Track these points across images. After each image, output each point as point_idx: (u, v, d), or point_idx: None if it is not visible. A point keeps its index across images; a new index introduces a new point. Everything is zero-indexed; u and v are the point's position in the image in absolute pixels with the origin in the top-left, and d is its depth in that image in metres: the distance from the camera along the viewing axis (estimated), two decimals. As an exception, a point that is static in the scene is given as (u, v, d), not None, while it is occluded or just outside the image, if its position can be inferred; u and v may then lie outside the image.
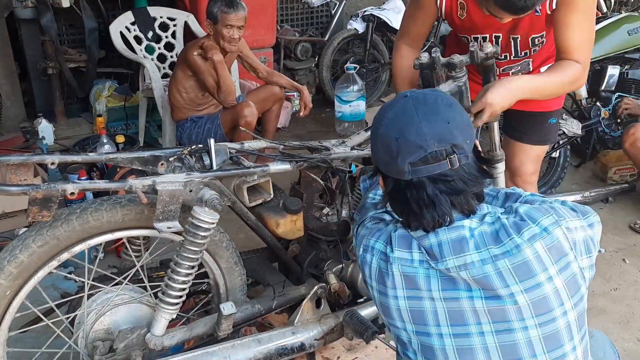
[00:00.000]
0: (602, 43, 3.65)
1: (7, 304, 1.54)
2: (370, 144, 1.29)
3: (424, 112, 1.18)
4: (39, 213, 1.43)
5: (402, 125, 1.18)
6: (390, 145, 1.19)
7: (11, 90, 4.24)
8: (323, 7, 5.25)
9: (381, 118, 1.24)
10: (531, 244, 1.14)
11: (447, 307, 1.18)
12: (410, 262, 1.21)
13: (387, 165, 1.23)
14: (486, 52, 1.92)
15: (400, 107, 1.22)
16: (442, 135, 1.17)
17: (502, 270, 1.14)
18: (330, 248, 2.07)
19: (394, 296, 1.22)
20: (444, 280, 1.18)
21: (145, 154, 1.62)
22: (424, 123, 1.17)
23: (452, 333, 1.18)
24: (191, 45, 3.26)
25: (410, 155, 1.16)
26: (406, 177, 1.18)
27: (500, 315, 1.15)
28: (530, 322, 1.15)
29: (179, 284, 1.66)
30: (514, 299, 1.14)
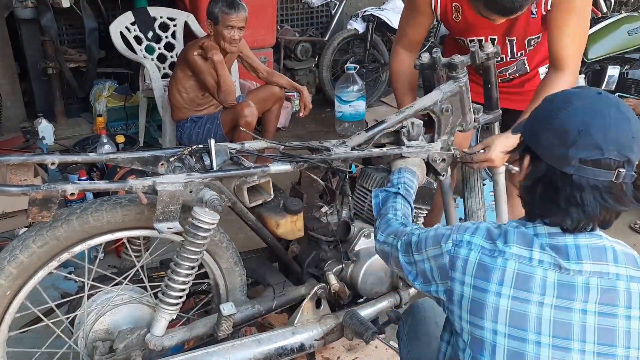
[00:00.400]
0: (602, 43, 3.66)
1: (7, 304, 1.54)
2: (535, 122, 1.23)
3: (616, 117, 1.14)
4: (39, 213, 1.43)
5: (590, 120, 1.13)
6: (568, 134, 1.13)
7: (11, 90, 4.24)
8: (323, 7, 5.25)
9: (566, 103, 1.18)
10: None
11: (554, 317, 1.13)
12: (528, 260, 1.16)
13: (549, 149, 1.17)
14: (487, 52, 1.93)
15: (592, 100, 1.17)
16: (624, 146, 1.13)
17: (633, 292, 1.13)
18: (331, 248, 2.07)
19: (497, 293, 1.15)
20: (562, 286, 1.14)
21: (146, 154, 1.62)
22: (613, 127, 1.13)
23: (551, 344, 1.13)
24: (191, 45, 3.26)
25: (585, 152, 1.12)
26: (568, 170, 1.13)
27: (608, 337, 1.12)
28: (633, 353, 1.12)
29: (179, 284, 1.66)
30: (629, 322, 1.12)
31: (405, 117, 1.92)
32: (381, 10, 4.83)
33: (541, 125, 1.20)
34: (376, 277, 2.04)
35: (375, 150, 1.90)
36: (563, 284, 1.14)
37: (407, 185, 1.69)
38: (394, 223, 1.51)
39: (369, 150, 1.90)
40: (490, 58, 1.95)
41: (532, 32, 2.06)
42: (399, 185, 1.69)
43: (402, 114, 1.93)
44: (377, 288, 2.06)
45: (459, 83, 1.96)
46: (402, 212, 1.57)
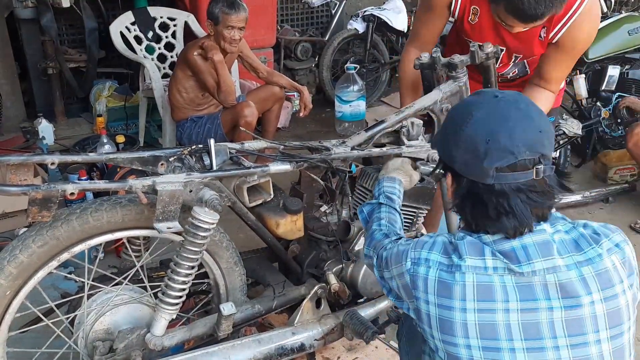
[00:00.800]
0: (602, 43, 3.65)
1: (7, 304, 1.54)
2: (445, 140, 1.23)
3: (517, 116, 1.15)
4: (38, 213, 1.43)
5: (494, 128, 1.14)
6: (478, 147, 1.14)
7: (11, 90, 4.24)
8: (323, 7, 5.25)
9: (467, 116, 1.18)
10: (609, 255, 1.15)
11: (522, 320, 1.13)
12: (484, 269, 1.15)
13: (466, 166, 1.17)
14: (487, 52, 1.93)
15: (491, 107, 1.17)
16: (533, 144, 1.13)
17: (586, 276, 1.13)
18: (331, 248, 2.07)
19: (462, 309, 1.14)
20: (522, 288, 1.13)
21: (145, 154, 1.62)
22: (518, 128, 1.13)
23: (525, 347, 1.13)
24: (191, 45, 3.26)
25: (499, 160, 1.12)
26: (488, 182, 1.14)
27: (577, 328, 1.13)
28: (603, 335, 1.13)
29: (179, 284, 1.66)
30: (593, 307, 1.12)
31: (405, 117, 1.92)
32: (381, 10, 4.83)
33: (454, 142, 1.19)
34: (376, 277, 2.03)
35: (375, 150, 1.90)
36: (522, 286, 1.14)
37: (387, 193, 1.67)
38: (377, 235, 1.50)
39: (369, 150, 1.90)
40: (490, 58, 1.95)
41: (535, 53, 2.09)
42: (380, 196, 1.68)
43: (402, 113, 1.93)
44: (377, 288, 2.06)
45: (459, 83, 1.96)
46: (386, 219, 1.56)
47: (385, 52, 5.01)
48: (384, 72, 5.05)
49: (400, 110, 1.94)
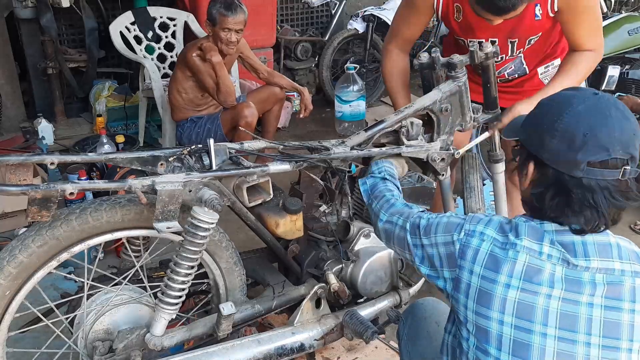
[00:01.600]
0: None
1: (6, 304, 1.54)
2: (537, 128, 1.23)
3: (617, 116, 1.17)
4: (38, 213, 1.43)
5: (594, 123, 1.15)
6: (575, 138, 1.15)
7: (11, 90, 4.24)
8: (323, 7, 5.25)
9: (567, 107, 1.19)
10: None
11: (561, 309, 1.15)
12: (539, 254, 1.17)
13: (557, 156, 1.18)
14: (486, 52, 1.93)
15: (592, 102, 1.18)
16: (627, 144, 1.15)
17: (637, 287, 1.15)
18: (330, 248, 2.07)
19: (506, 284, 1.17)
20: (569, 280, 1.15)
21: (145, 154, 1.62)
22: (617, 127, 1.15)
23: (558, 335, 1.15)
24: (190, 46, 3.26)
25: (593, 155, 1.14)
26: (577, 174, 1.15)
27: (614, 331, 1.14)
28: (636, 346, 1.14)
29: (179, 284, 1.66)
30: (633, 316, 1.14)
31: (405, 117, 1.92)
32: (381, 10, 4.83)
33: (545, 131, 1.20)
34: (376, 276, 2.04)
35: (375, 150, 1.90)
36: (570, 278, 1.15)
37: (388, 172, 1.73)
38: (397, 203, 1.53)
39: (369, 150, 1.90)
40: (489, 58, 1.95)
41: (534, 33, 2.07)
42: (382, 172, 1.73)
43: (402, 113, 1.92)
44: (377, 288, 2.06)
45: (458, 83, 1.96)
46: (397, 192, 1.60)
47: (385, 52, 5.00)
48: (384, 72, 5.05)
49: (399, 110, 1.94)
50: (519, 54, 2.17)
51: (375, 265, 2.02)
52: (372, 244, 2.04)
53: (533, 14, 1.98)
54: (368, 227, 2.04)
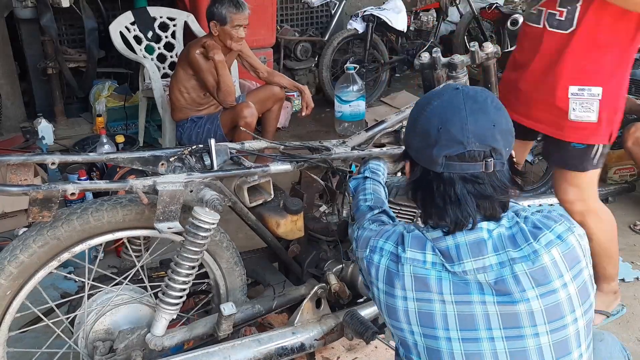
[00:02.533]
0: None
1: (7, 304, 1.54)
2: (407, 127, 1.27)
3: (472, 108, 1.17)
4: (39, 213, 1.43)
5: (448, 117, 1.17)
6: (430, 133, 1.17)
7: (11, 90, 4.24)
8: (323, 7, 5.26)
9: (426, 104, 1.22)
10: (548, 250, 1.15)
11: (458, 311, 1.16)
12: (422, 263, 1.19)
13: (419, 152, 1.21)
14: (487, 52, 1.93)
15: (448, 97, 1.20)
16: (484, 137, 1.15)
17: (519, 274, 1.14)
18: (331, 248, 2.07)
19: (403, 297, 1.20)
20: (457, 283, 1.17)
21: (146, 154, 1.62)
22: (470, 120, 1.15)
23: (461, 337, 1.16)
24: (193, 43, 3.27)
25: (448, 149, 1.15)
26: (437, 169, 1.17)
27: (513, 321, 1.14)
28: (542, 329, 1.14)
29: (179, 284, 1.66)
30: (528, 304, 1.13)
31: (405, 117, 1.93)
32: (381, 10, 4.83)
33: (411, 128, 1.24)
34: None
35: (375, 150, 1.90)
36: (457, 282, 1.17)
37: (372, 169, 1.77)
38: (362, 206, 1.55)
39: (369, 150, 1.90)
40: (490, 58, 1.95)
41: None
42: (365, 171, 1.77)
43: (402, 113, 1.93)
44: (377, 288, 2.06)
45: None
46: (371, 190, 1.62)
47: (384, 52, 5.01)
48: (384, 72, 5.05)
49: (400, 110, 1.95)
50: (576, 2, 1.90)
51: (376, 265, 2.02)
52: (372, 244, 2.04)
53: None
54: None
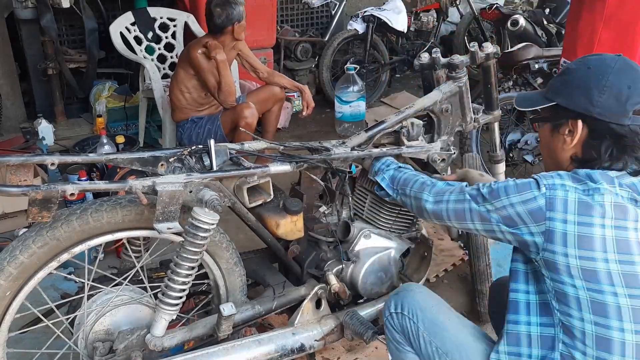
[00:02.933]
0: (602, 43, 3.64)
1: (7, 304, 1.54)
2: (584, 90, 1.38)
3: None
4: (38, 214, 1.43)
5: (633, 76, 1.36)
6: (622, 91, 1.34)
7: (11, 90, 4.24)
8: (323, 8, 5.26)
9: (607, 67, 1.38)
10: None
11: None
12: (616, 195, 1.30)
13: (607, 110, 1.35)
14: (486, 52, 1.93)
15: (622, 62, 1.38)
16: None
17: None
18: (330, 249, 2.07)
19: (601, 225, 1.27)
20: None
21: (145, 154, 1.62)
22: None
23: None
24: (194, 43, 3.27)
25: (637, 104, 1.33)
26: (625, 122, 1.34)
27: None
28: None
29: (179, 285, 1.66)
30: None
31: (405, 118, 1.92)
32: (381, 11, 4.83)
33: (593, 90, 1.37)
34: (376, 277, 2.04)
35: (375, 150, 1.90)
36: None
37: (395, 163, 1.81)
38: (438, 184, 1.61)
39: (369, 150, 1.90)
40: (490, 58, 1.95)
41: None
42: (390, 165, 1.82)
43: (402, 114, 1.93)
44: (377, 288, 2.06)
45: (459, 83, 1.96)
46: (425, 174, 1.69)
47: (385, 52, 5.01)
48: (384, 72, 5.05)
49: (400, 111, 1.95)
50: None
51: (376, 266, 2.02)
52: (372, 245, 2.04)
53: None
54: (368, 228, 2.04)
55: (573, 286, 1.31)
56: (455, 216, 1.53)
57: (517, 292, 1.46)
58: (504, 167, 2.24)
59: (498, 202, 1.41)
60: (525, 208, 1.36)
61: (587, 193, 1.30)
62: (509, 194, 1.39)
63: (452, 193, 1.55)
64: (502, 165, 2.25)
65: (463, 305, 2.61)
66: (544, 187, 1.34)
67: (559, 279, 1.33)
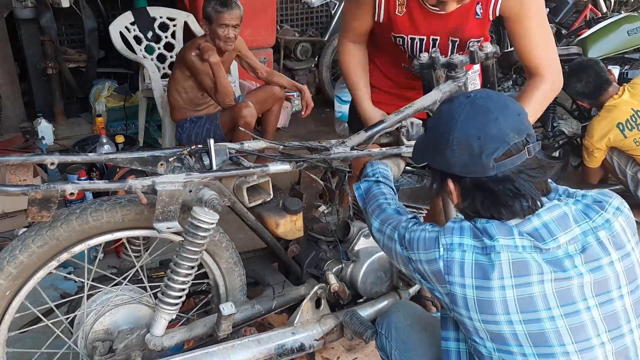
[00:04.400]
0: (602, 43, 3.66)
1: (6, 304, 1.54)
2: (436, 151, 1.30)
3: (495, 107, 1.24)
4: (38, 213, 1.43)
5: (481, 123, 1.23)
6: (472, 145, 1.22)
7: (11, 90, 4.24)
8: (323, 7, 5.25)
9: (450, 123, 1.26)
10: (616, 218, 1.25)
11: (556, 289, 1.19)
12: (514, 247, 1.21)
13: (466, 167, 1.25)
14: (486, 52, 1.92)
15: (470, 107, 1.26)
16: (518, 127, 1.23)
17: (603, 240, 1.22)
18: (330, 248, 2.07)
19: (501, 287, 1.20)
20: (550, 261, 1.20)
21: (145, 154, 1.62)
22: (501, 118, 1.22)
23: (563, 314, 1.20)
24: (188, 45, 3.26)
25: (495, 151, 1.21)
26: (491, 174, 1.22)
27: (603, 287, 1.21)
28: (624, 290, 1.22)
29: (179, 285, 1.66)
30: (613, 267, 1.21)
31: (405, 117, 1.92)
32: (381, 10, 4.82)
33: (443, 149, 1.27)
34: (376, 276, 2.04)
35: (375, 150, 1.90)
36: (549, 260, 1.21)
37: (383, 174, 1.72)
38: (387, 208, 1.53)
39: (368, 150, 1.90)
40: (490, 58, 1.95)
41: (476, 34, 2.00)
42: (376, 174, 1.72)
43: (401, 113, 1.92)
44: (377, 288, 2.06)
45: (458, 83, 1.96)
46: (390, 195, 1.61)
47: (384, 52, 5.00)
48: (384, 72, 5.04)
49: (399, 110, 1.94)
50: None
51: (375, 266, 2.02)
52: (372, 244, 2.04)
53: (474, 12, 1.93)
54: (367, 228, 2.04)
55: (484, 347, 1.26)
56: (387, 252, 1.48)
57: (448, 341, 1.40)
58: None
59: (413, 254, 1.34)
60: (429, 268, 1.29)
61: (484, 252, 1.22)
62: (419, 249, 1.32)
63: (389, 226, 1.46)
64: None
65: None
66: (442, 248, 1.26)
67: (472, 338, 1.28)
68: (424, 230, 1.34)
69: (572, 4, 4.88)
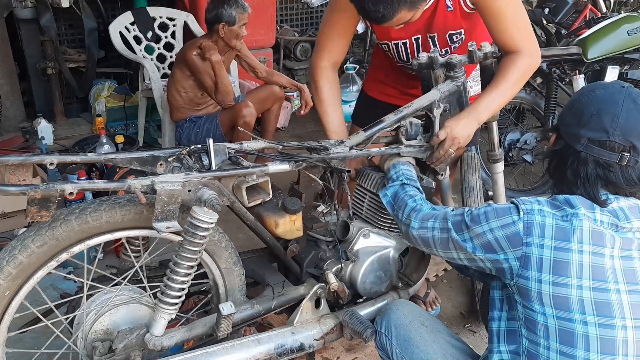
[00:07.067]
0: (601, 43, 3.65)
1: (6, 304, 1.54)
2: (567, 104, 1.42)
3: (629, 107, 1.31)
4: (37, 213, 1.43)
5: (603, 106, 1.32)
6: (583, 114, 1.34)
7: (11, 90, 4.25)
8: (323, 7, 5.26)
9: (590, 90, 1.38)
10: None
11: (624, 266, 1.27)
12: (594, 221, 1.29)
13: (567, 127, 1.37)
14: (485, 51, 1.93)
15: (611, 91, 1.34)
16: (630, 133, 1.29)
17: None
18: (330, 248, 2.07)
19: (579, 251, 1.26)
20: (624, 239, 1.28)
21: (144, 154, 1.62)
22: (623, 115, 1.30)
23: (627, 290, 1.27)
24: (189, 45, 3.27)
25: (593, 133, 1.31)
26: (577, 147, 1.33)
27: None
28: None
29: (178, 284, 1.66)
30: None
31: (404, 117, 1.92)
32: (380, 10, 4.82)
33: (568, 107, 1.41)
34: (375, 276, 2.04)
35: (374, 149, 1.90)
36: (624, 239, 1.29)
37: (407, 176, 1.78)
38: (423, 208, 1.60)
39: (368, 150, 1.90)
40: (488, 57, 1.95)
41: (453, 27, 1.97)
42: (400, 177, 1.78)
43: (401, 113, 1.93)
44: (377, 287, 2.06)
45: (457, 82, 1.96)
46: (419, 197, 1.67)
47: (384, 52, 5.00)
48: (384, 72, 5.05)
49: (398, 110, 1.94)
50: (446, 53, 2.06)
51: (375, 265, 2.02)
52: (371, 244, 2.04)
53: (444, 5, 1.91)
54: (367, 227, 2.04)
55: (543, 314, 1.29)
56: (440, 245, 1.51)
57: (493, 321, 1.45)
58: (502, 167, 2.24)
59: (479, 227, 1.40)
60: (503, 233, 1.35)
61: (565, 219, 1.29)
62: (489, 219, 1.38)
63: (436, 219, 1.52)
64: (500, 165, 2.25)
65: (462, 305, 2.62)
66: (522, 212, 1.33)
67: (530, 306, 1.32)
68: (489, 205, 1.43)
69: (571, 4, 4.88)
